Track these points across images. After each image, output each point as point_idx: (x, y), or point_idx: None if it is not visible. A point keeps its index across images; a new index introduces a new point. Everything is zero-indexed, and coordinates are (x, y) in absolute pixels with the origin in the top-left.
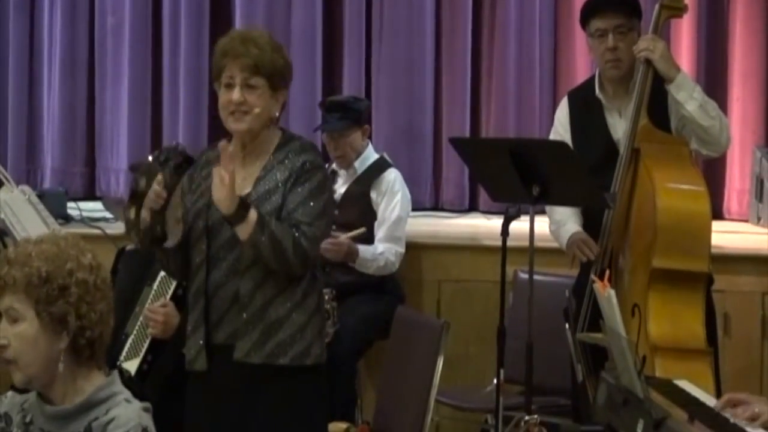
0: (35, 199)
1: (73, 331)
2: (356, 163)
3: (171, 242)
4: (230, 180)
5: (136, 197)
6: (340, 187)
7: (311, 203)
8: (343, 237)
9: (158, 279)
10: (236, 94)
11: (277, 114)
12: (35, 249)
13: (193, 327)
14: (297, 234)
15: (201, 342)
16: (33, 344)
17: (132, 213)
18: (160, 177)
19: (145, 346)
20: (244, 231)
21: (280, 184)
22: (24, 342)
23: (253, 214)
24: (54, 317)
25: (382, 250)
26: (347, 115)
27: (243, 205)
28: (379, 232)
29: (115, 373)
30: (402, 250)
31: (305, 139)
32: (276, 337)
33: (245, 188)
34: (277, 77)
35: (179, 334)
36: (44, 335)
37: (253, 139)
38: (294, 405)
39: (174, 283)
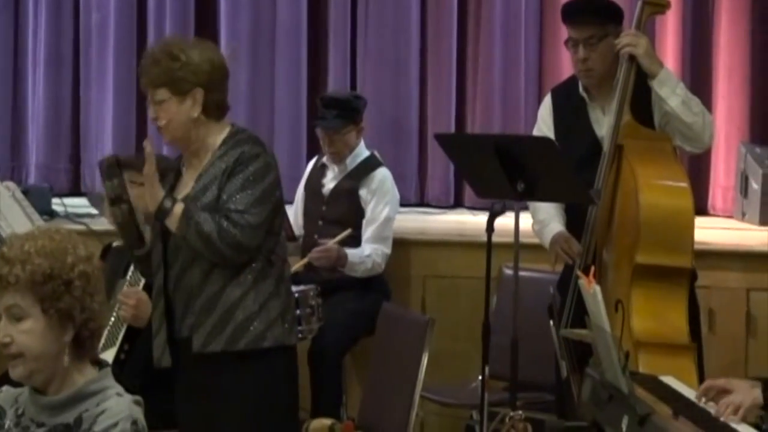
0: (20, 195)
1: (78, 324)
2: (347, 160)
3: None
4: (149, 179)
5: (116, 200)
6: (330, 182)
7: (247, 191)
8: (331, 243)
9: (131, 270)
10: (150, 112)
11: (195, 115)
12: (32, 246)
13: (156, 326)
14: (225, 223)
15: (164, 339)
16: (41, 340)
17: (119, 215)
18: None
19: (121, 335)
20: (172, 225)
21: (217, 177)
22: (31, 338)
23: (178, 208)
24: (61, 312)
25: (369, 253)
26: (345, 114)
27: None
28: (367, 232)
29: (108, 368)
30: (388, 251)
31: (249, 132)
32: (230, 324)
33: (190, 186)
34: (179, 82)
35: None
36: (51, 330)
37: (187, 144)
38: (259, 389)
39: None
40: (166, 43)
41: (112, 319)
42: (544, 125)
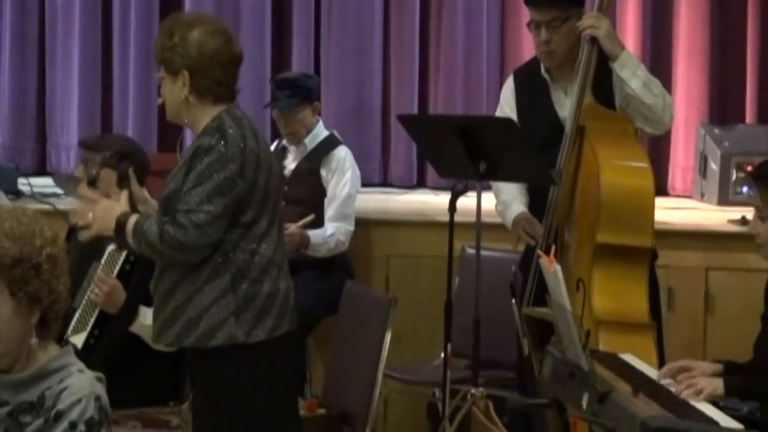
0: None
1: (45, 306)
2: (306, 140)
3: None
4: (89, 200)
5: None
6: (290, 163)
7: (197, 188)
8: (294, 227)
9: (106, 254)
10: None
11: (183, 96)
12: (0, 228)
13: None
14: (168, 226)
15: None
16: (8, 323)
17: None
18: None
19: (92, 320)
20: (130, 240)
21: (183, 165)
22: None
23: (131, 222)
24: (29, 296)
25: (332, 232)
26: (297, 93)
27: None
28: (329, 210)
29: (69, 345)
30: (351, 228)
31: (217, 122)
32: (181, 319)
33: None
34: (169, 62)
35: (125, 312)
36: (19, 314)
37: (185, 124)
38: (208, 387)
39: (121, 259)
40: (173, 19)
41: (84, 302)
42: (506, 106)
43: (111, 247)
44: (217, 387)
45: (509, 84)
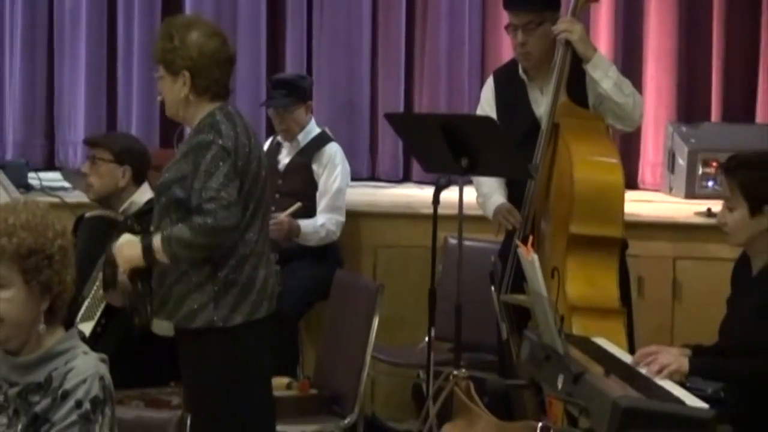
0: None
1: (54, 295)
2: (299, 136)
3: None
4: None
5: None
6: (284, 158)
7: (210, 181)
8: (283, 216)
9: None
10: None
11: (183, 95)
12: (17, 219)
13: None
14: (196, 218)
15: None
16: (21, 308)
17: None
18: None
19: (100, 310)
20: (161, 257)
21: (175, 160)
22: (13, 306)
23: (156, 241)
24: (42, 284)
25: (323, 222)
26: (293, 92)
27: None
28: (321, 203)
29: (74, 328)
30: (342, 219)
31: (210, 119)
32: (172, 298)
33: None
34: (169, 62)
35: (131, 304)
36: (31, 300)
37: (181, 120)
38: (191, 368)
39: None
40: (170, 22)
41: (92, 293)
42: (487, 105)
43: None
44: (200, 365)
45: (489, 84)
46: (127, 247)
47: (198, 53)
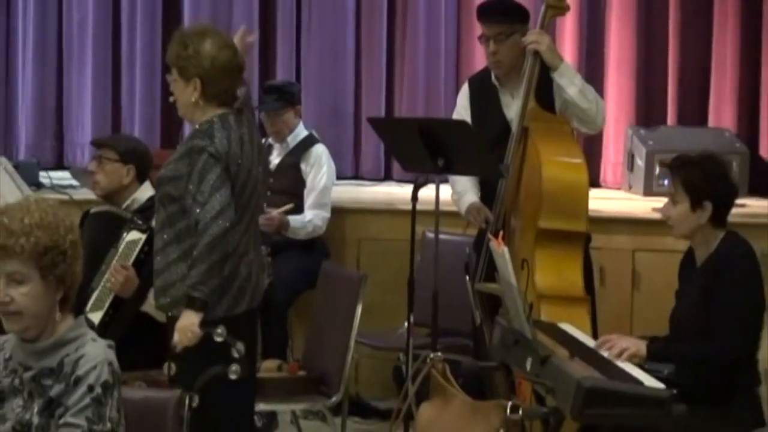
0: (11, 169)
1: (67, 286)
2: (289, 138)
3: None
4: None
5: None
6: (275, 159)
7: (201, 188)
8: (275, 212)
9: (124, 243)
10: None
11: (193, 99)
12: (31, 219)
13: None
14: (200, 230)
15: None
16: (38, 301)
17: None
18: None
19: (108, 301)
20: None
21: (172, 158)
22: (31, 300)
23: (197, 304)
24: (57, 278)
25: (310, 218)
26: (283, 97)
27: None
28: (309, 199)
29: (83, 316)
30: (327, 215)
31: (207, 125)
32: (161, 288)
33: None
34: (183, 68)
35: (138, 296)
36: (47, 293)
37: (190, 121)
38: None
39: (137, 250)
40: (185, 31)
41: (101, 285)
42: (462, 109)
43: (128, 238)
44: (194, 349)
45: (464, 90)
46: (185, 322)
47: (210, 64)
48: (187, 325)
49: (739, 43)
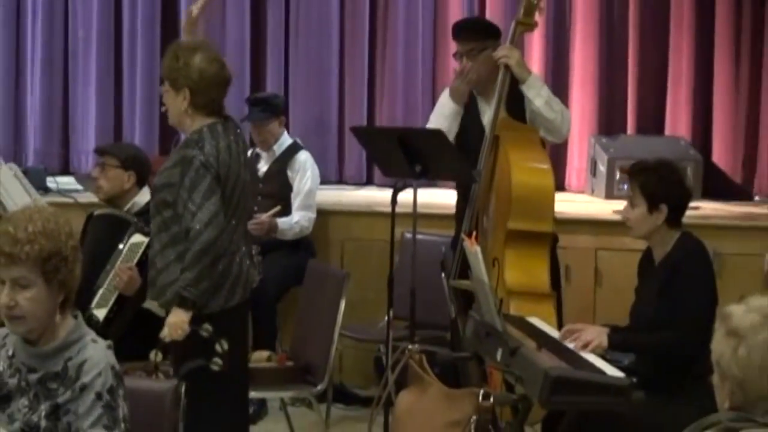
0: (20, 174)
1: (69, 289)
2: (275, 147)
3: None
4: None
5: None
6: (263, 166)
7: (192, 197)
8: (264, 216)
9: (128, 244)
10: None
11: (183, 108)
12: (35, 227)
13: None
14: (192, 238)
15: None
16: (43, 304)
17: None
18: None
19: (113, 298)
20: (193, 297)
21: (165, 167)
22: (35, 304)
23: (188, 303)
24: (60, 282)
25: (297, 219)
26: (268, 109)
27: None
28: (295, 202)
29: (80, 315)
30: (313, 215)
31: (197, 135)
32: (156, 286)
33: None
34: (174, 79)
35: (140, 294)
36: (50, 297)
37: (181, 129)
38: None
39: (140, 251)
40: (178, 44)
41: (107, 283)
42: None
43: (132, 240)
44: (182, 343)
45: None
46: (175, 319)
47: (199, 76)
48: (178, 322)
49: (694, 60)
